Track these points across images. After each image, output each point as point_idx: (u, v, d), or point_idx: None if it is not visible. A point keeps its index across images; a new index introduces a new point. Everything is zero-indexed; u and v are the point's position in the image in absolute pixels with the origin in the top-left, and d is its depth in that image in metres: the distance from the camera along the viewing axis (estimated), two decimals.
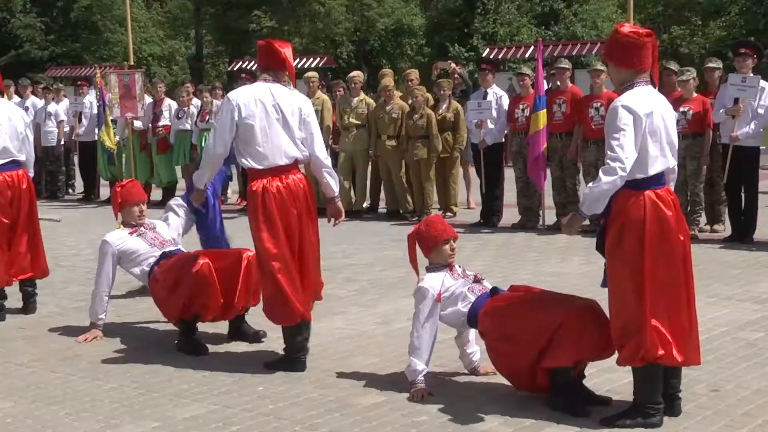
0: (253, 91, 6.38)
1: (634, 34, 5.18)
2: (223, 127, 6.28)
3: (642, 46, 5.14)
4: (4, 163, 8.06)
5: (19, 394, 6.03)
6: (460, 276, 5.85)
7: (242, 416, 5.50)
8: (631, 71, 5.18)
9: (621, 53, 5.20)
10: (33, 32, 43.64)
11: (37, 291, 8.45)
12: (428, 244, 5.86)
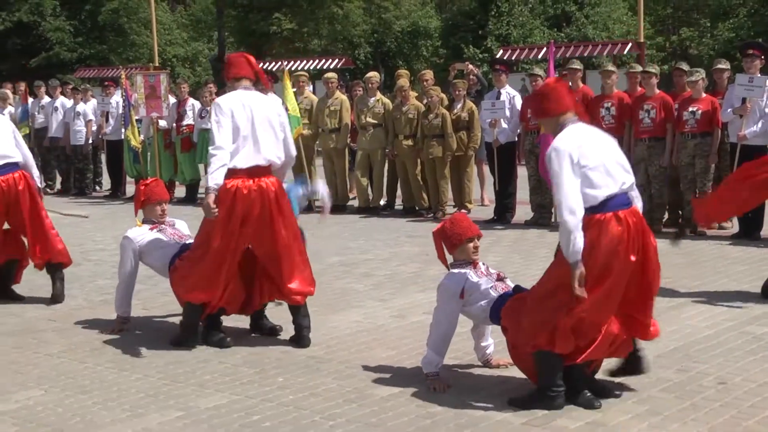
0: (238, 97, 6.69)
1: (544, 87, 5.68)
2: (221, 125, 6.52)
3: (550, 92, 5.44)
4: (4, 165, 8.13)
5: (49, 384, 6.07)
6: (483, 274, 5.82)
7: (263, 406, 5.52)
8: (554, 117, 5.39)
9: (540, 105, 5.52)
10: (62, 35, 43.81)
11: (64, 276, 8.63)
12: (453, 241, 5.85)
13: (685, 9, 41.29)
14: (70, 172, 17.79)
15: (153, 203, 7.42)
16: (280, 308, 7.23)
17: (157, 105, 15.54)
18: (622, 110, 11.57)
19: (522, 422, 5.13)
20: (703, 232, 11.06)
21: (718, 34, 37.94)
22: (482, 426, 5.08)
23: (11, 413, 5.52)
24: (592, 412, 5.22)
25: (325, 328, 7.28)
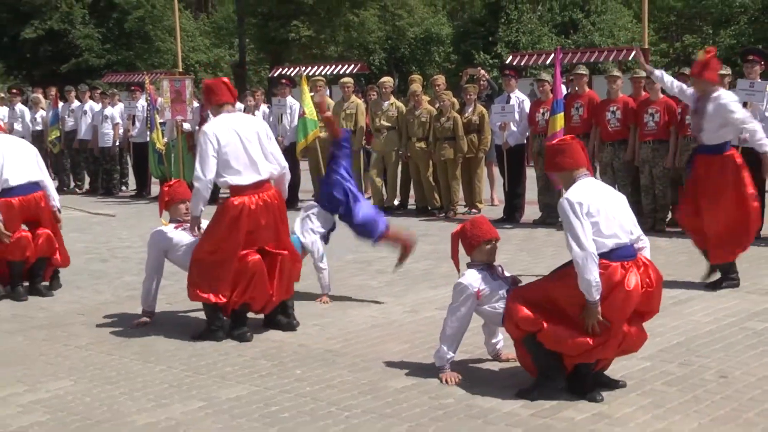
0: (223, 122, 6.92)
1: (561, 143, 5.64)
2: (206, 155, 6.77)
3: (566, 149, 5.51)
4: (22, 186, 8.34)
5: (78, 374, 6.09)
6: (499, 276, 5.79)
7: (281, 397, 5.52)
8: (567, 172, 5.47)
9: (556, 160, 5.53)
10: (91, 42, 43.98)
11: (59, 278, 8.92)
12: (471, 242, 5.82)
13: (688, 17, 41.17)
14: (98, 173, 17.86)
15: (177, 203, 7.46)
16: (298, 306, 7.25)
17: (182, 108, 15.57)
18: (627, 114, 11.55)
19: (530, 414, 5.12)
20: None
21: (719, 40, 37.79)
22: (491, 417, 5.08)
23: (43, 402, 5.55)
24: (597, 405, 5.21)
25: (341, 323, 7.30)
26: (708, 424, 4.90)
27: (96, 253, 10.89)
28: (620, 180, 11.75)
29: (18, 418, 5.30)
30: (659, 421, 4.96)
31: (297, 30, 43.72)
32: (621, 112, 11.58)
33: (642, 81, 11.79)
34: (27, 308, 8.12)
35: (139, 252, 10.68)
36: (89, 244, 11.55)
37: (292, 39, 43.88)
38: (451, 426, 4.97)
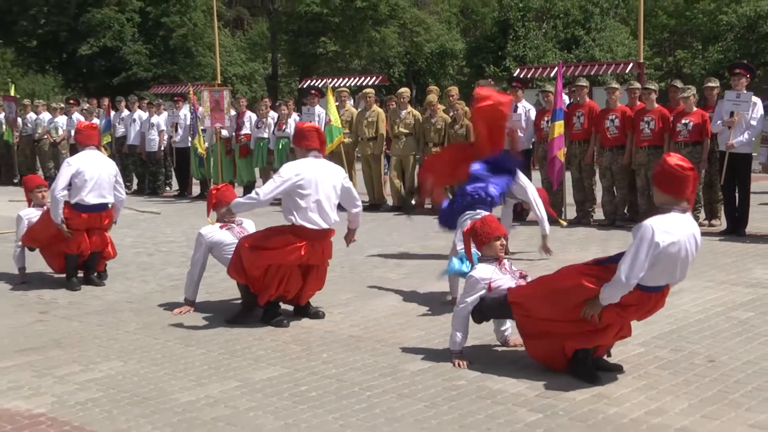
0: (309, 165, 6.78)
1: (678, 167, 5.04)
2: (277, 184, 6.66)
3: (683, 178, 5.02)
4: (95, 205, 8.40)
5: (127, 356, 6.13)
6: (507, 271, 5.77)
7: (309, 378, 5.53)
8: (669, 197, 5.05)
9: (663, 181, 5.07)
10: (140, 57, 44.21)
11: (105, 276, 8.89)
12: (482, 239, 5.80)
13: (680, 33, 40.96)
14: (144, 175, 17.95)
15: (223, 205, 7.48)
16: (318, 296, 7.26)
17: (220, 117, 15.63)
18: (625, 122, 11.51)
19: (535, 394, 5.11)
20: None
21: (708, 55, 37.65)
22: (500, 397, 5.07)
23: (96, 381, 5.58)
24: (596, 386, 5.19)
25: (363, 311, 7.30)
26: (697, 404, 4.88)
27: (143, 247, 10.94)
28: (618, 182, 11.71)
29: (75, 394, 5.34)
30: (653, 401, 4.94)
31: (324, 45, 43.80)
32: (619, 120, 11.54)
33: (636, 92, 11.75)
34: (82, 297, 8.17)
35: (182, 246, 10.74)
36: (137, 239, 11.60)
37: (320, 54, 43.96)
38: (463, 405, 4.96)
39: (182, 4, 45.91)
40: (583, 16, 41.61)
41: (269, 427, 4.71)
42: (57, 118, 19.31)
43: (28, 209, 8.84)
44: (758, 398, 4.97)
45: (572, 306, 5.26)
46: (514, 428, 4.60)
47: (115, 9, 44.17)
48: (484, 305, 5.66)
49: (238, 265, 6.83)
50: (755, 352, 5.88)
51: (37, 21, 44.20)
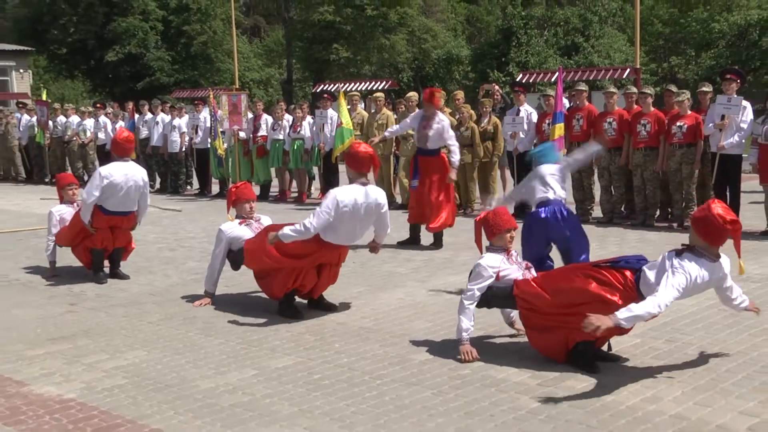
0: (355, 194, 6.59)
1: (720, 217, 4.91)
2: (324, 213, 6.47)
3: (722, 230, 4.92)
4: (120, 211, 8.43)
5: (151, 346, 6.14)
6: (514, 261, 5.73)
7: (322, 367, 5.54)
8: (705, 243, 4.98)
9: (703, 226, 4.97)
10: (162, 63, 44.39)
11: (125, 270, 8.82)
12: (493, 230, 5.73)
13: (674, 41, 40.83)
14: (167, 175, 17.99)
15: (242, 202, 7.50)
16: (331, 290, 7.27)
17: (238, 119, 15.66)
18: (622, 124, 11.48)
19: (537, 383, 5.10)
20: (688, 226, 10.92)
21: (701, 61, 37.53)
22: (503, 386, 5.06)
23: (122, 368, 5.61)
24: (595, 375, 5.18)
25: (374, 304, 7.30)
26: (690, 392, 4.87)
27: (165, 242, 10.97)
28: (615, 182, 11.68)
29: (102, 381, 5.36)
30: (648, 389, 4.93)
31: (337, 52, 43.84)
32: (617, 122, 11.51)
33: (634, 96, 11.72)
34: (108, 289, 8.20)
35: (202, 242, 10.76)
36: (159, 235, 11.63)
37: (332, 60, 44.00)
38: (468, 393, 4.96)
39: (203, 13, 46.06)
40: (583, 24, 41.53)
41: (284, 413, 4.72)
42: (85, 121, 19.39)
43: (59, 206, 8.88)
44: (748, 387, 4.96)
45: (575, 304, 5.24)
46: (517, 415, 4.60)
47: (139, 18, 44.36)
48: (490, 294, 5.62)
49: (257, 255, 6.83)
50: (745, 343, 5.86)
51: (67, 30, 44.43)
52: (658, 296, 4.77)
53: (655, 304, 4.74)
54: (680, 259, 4.93)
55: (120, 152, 8.41)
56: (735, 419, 4.47)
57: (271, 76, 52.35)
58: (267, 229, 7.06)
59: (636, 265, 5.19)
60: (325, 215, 6.48)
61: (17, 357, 5.93)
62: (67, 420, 4.69)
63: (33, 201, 16.23)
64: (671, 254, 5.02)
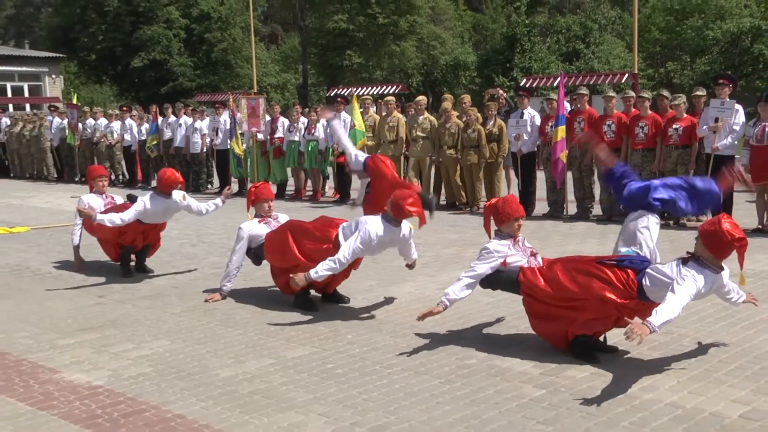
0: (385, 227, 6.42)
1: (728, 233, 4.87)
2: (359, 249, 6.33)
3: (728, 245, 4.89)
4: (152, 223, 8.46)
5: (173, 336, 6.17)
6: (520, 248, 5.68)
7: (336, 357, 5.54)
8: (710, 255, 4.94)
9: (710, 239, 4.92)
10: (185, 69, 44.50)
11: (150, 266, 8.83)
12: (502, 218, 5.69)
13: (671, 47, 40.65)
14: (189, 174, 18.00)
15: (261, 201, 7.49)
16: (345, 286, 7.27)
17: (256, 122, 15.68)
18: (621, 127, 11.43)
19: (539, 372, 5.09)
20: (684, 223, 10.91)
21: (696, 67, 37.36)
22: (507, 375, 5.06)
23: (147, 357, 5.63)
24: (594, 366, 5.17)
25: (385, 297, 7.29)
26: (685, 381, 4.85)
27: (187, 239, 11.00)
28: None
29: (128, 369, 5.38)
30: (646, 378, 4.91)
31: (350, 58, 43.83)
32: (616, 125, 11.46)
33: (632, 100, 11.68)
34: (134, 283, 8.23)
35: (222, 238, 10.78)
36: (182, 231, 11.66)
37: (345, 65, 43.99)
38: (474, 382, 4.95)
39: (223, 21, 46.15)
40: (583, 32, 41.38)
41: (300, 400, 4.72)
42: (112, 123, 19.45)
43: (88, 195, 8.95)
44: (740, 376, 4.94)
45: (574, 299, 5.23)
46: (520, 403, 4.59)
47: (163, 26, 44.49)
48: (497, 277, 5.59)
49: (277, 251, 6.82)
50: (738, 335, 5.84)
51: (96, 38, 44.63)
52: (677, 301, 4.69)
53: (677, 308, 4.66)
54: (687, 268, 4.90)
55: (163, 189, 8.18)
56: (728, 407, 4.45)
57: (287, 80, 52.37)
58: (287, 224, 7.04)
59: (640, 266, 5.16)
60: (359, 251, 6.37)
61: (50, 346, 5.96)
62: (96, 405, 4.71)
63: (64, 199, 16.30)
64: (678, 262, 5.00)
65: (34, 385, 5.09)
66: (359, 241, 6.31)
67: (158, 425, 4.39)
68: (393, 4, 43.75)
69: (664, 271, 4.98)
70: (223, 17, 46.16)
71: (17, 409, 4.70)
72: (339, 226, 6.72)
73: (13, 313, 7.01)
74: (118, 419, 4.49)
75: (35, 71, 39.89)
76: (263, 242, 7.13)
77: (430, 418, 4.39)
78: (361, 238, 6.33)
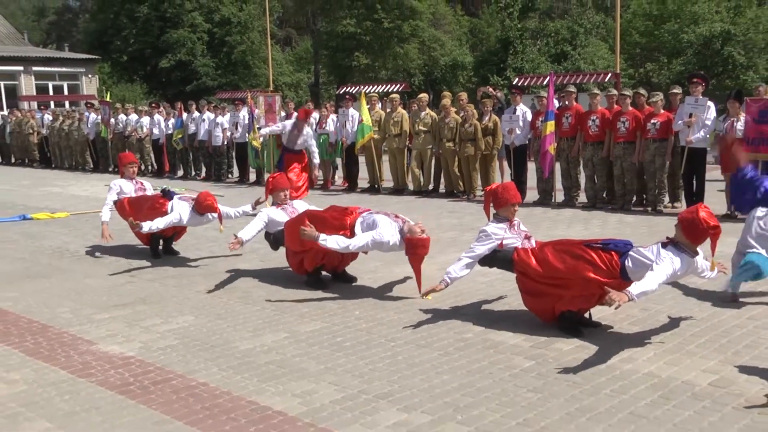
0: (393, 231, 6.33)
1: (704, 221, 4.84)
2: (367, 247, 6.28)
3: (704, 232, 4.86)
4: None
5: (197, 312, 6.18)
6: (516, 231, 5.68)
7: (345, 331, 5.55)
8: (687, 241, 4.94)
9: (688, 226, 4.90)
10: (208, 69, 44.34)
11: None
12: (500, 202, 5.70)
13: (649, 49, 40.35)
14: (211, 165, 17.99)
15: (278, 191, 7.49)
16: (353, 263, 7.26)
17: (272, 117, 15.64)
18: (604, 122, 11.37)
19: (530, 345, 5.09)
20: (660, 210, 10.88)
21: (672, 67, 37.16)
22: (501, 347, 5.06)
23: (173, 331, 5.65)
24: (579, 339, 5.16)
25: (389, 277, 7.30)
26: (660, 353, 4.85)
27: (210, 224, 10.97)
28: (598, 172, 11.59)
29: (157, 341, 5.40)
30: (625, 351, 4.91)
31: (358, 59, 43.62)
32: (599, 120, 11.40)
33: (614, 97, 11.62)
34: (162, 264, 8.24)
35: (242, 223, 10.71)
36: None
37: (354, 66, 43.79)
38: (471, 354, 4.95)
39: (242, 26, 46.00)
40: (571, 35, 41.14)
41: (312, 370, 4.73)
42: (142, 118, 19.41)
43: (120, 179, 8.95)
44: (710, 348, 4.94)
45: (561, 278, 5.22)
46: (512, 372, 4.59)
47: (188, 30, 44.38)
48: (494, 257, 5.60)
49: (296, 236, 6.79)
50: (708, 311, 5.83)
51: (128, 41, 44.57)
52: (655, 276, 4.69)
53: (654, 282, 4.66)
54: (666, 251, 4.89)
55: (201, 210, 8.02)
56: (698, 376, 4.45)
57: (300, 80, 52.20)
58: (305, 213, 6.95)
59: (623, 249, 5.15)
60: (366, 247, 6.31)
61: (88, 320, 5.98)
62: (129, 374, 4.73)
63: (99, 187, 16.31)
64: (658, 245, 4.99)
65: (74, 356, 5.11)
66: (371, 241, 6.23)
67: (184, 392, 4.41)
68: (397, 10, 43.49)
69: (645, 254, 4.96)
70: (243, 22, 45.98)
71: (60, 376, 4.73)
72: (353, 213, 6.65)
73: (55, 290, 7.03)
74: (148, 386, 4.51)
75: (74, 71, 39.87)
76: (282, 229, 7.12)
77: (430, 387, 4.40)
78: (373, 239, 6.23)
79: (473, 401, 4.17)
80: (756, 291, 6.33)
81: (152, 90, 45.73)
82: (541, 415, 3.97)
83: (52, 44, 56.49)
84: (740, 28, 36.08)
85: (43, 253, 8.95)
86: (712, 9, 36.89)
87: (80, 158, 21.47)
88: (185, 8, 44.43)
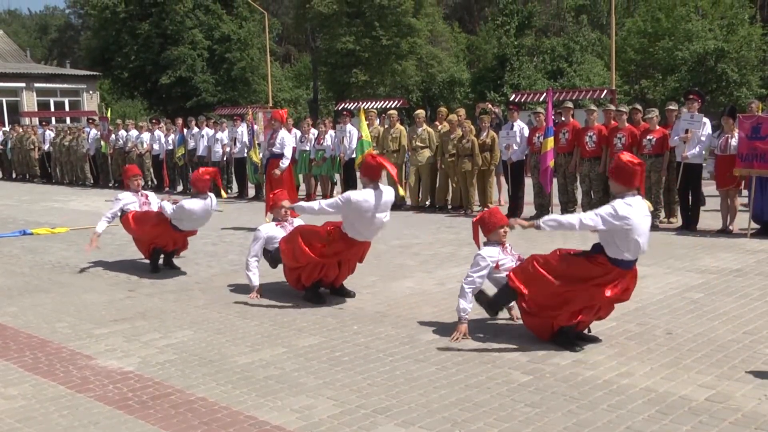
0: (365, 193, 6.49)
1: (629, 163, 5.07)
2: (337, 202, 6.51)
3: (633, 171, 5.05)
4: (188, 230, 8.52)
5: (196, 327, 6.16)
6: (508, 253, 5.75)
7: (343, 345, 5.53)
8: (622, 187, 5.10)
9: (618, 173, 5.10)
10: (208, 85, 44.52)
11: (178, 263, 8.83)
12: (488, 227, 5.75)
13: (644, 66, 40.59)
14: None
15: (279, 207, 7.44)
16: (351, 278, 7.24)
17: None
18: (601, 137, 11.40)
19: (527, 360, 5.07)
20: (656, 225, 10.89)
21: (667, 84, 37.35)
22: (498, 362, 5.04)
23: (172, 345, 5.63)
24: (576, 353, 5.15)
25: (387, 292, 7.28)
26: (657, 368, 4.84)
27: (209, 238, 10.98)
28: (595, 187, 11.60)
29: (156, 356, 5.38)
30: (622, 365, 4.90)
31: (356, 75, 43.81)
32: (596, 136, 11.44)
33: (611, 113, 11.66)
34: (161, 278, 8.22)
35: (240, 238, 10.77)
36: (204, 231, 11.57)
37: (352, 82, 43.97)
38: (468, 368, 4.94)
39: (242, 42, 46.19)
40: (567, 52, 41.39)
41: (310, 384, 4.71)
42: (142, 134, 19.46)
43: (124, 192, 8.93)
44: (706, 363, 4.92)
45: (559, 294, 5.22)
46: (510, 387, 4.58)
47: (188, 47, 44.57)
48: (492, 300, 5.61)
49: (291, 252, 6.80)
50: (705, 325, 5.82)
51: (129, 57, 44.75)
52: (583, 215, 5.03)
53: (577, 218, 5.01)
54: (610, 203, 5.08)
55: (201, 188, 8.09)
56: (695, 391, 4.44)
57: (299, 96, 52.41)
58: (297, 228, 6.98)
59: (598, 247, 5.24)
60: (337, 202, 6.50)
61: (86, 335, 5.96)
62: (127, 389, 4.71)
63: (99, 202, 16.31)
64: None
65: (73, 371, 5.09)
66: (340, 196, 6.51)
67: (182, 407, 4.38)
68: (395, 27, 43.73)
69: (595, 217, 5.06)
70: (242, 39, 46.18)
71: (58, 391, 4.70)
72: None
73: (54, 305, 7.01)
74: (146, 401, 4.48)
75: (75, 87, 40.02)
76: (278, 247, 7.09)
77: (428, 401, 4.38)
78: (341, 195, 6.53)
79: (471, 416, 4.15)
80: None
81: (153, 106, 45.86)
82: (539, 429, 3.95)
83: (54, 61, 56.74)
84: (733, 46, 36.33)
85: (43, 268, 8.93)
86: (705, 27, 37.17)
87: (81, 173, 21.47)
88: (186, 25, 44.65)
